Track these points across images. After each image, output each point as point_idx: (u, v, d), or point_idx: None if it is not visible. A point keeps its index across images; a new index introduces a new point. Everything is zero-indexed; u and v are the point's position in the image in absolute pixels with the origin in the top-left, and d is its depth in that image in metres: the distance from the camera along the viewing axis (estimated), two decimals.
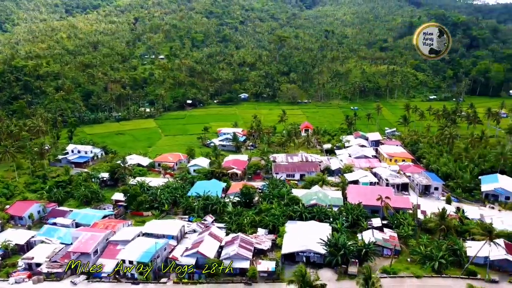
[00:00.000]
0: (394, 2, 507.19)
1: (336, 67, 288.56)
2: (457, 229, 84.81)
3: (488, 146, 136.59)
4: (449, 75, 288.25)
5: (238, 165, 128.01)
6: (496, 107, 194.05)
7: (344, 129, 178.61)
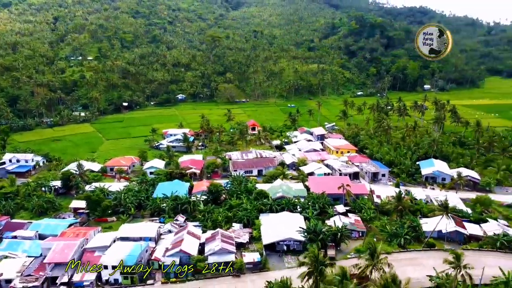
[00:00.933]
0: (315, 4, 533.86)
1: (270, 67, 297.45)
2: (410, 209, 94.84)
3: (418, 135, 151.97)
4: (372, 73, 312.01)
5: (195, 165, 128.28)
6: (413, 100, 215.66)
7: (288, 125, 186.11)
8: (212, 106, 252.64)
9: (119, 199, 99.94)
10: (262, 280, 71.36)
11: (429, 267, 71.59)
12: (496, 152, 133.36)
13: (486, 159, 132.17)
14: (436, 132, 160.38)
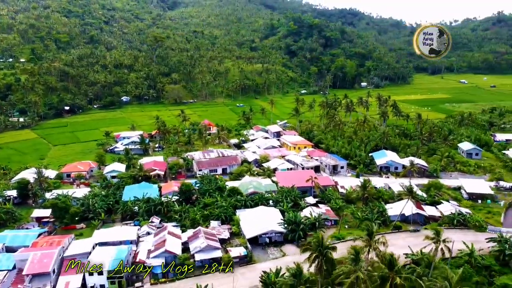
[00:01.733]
0: (252, 5, 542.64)
1: (215, 67, 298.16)
2: (374, 196, 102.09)
3: (367, 129, 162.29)
4: (313, 72, 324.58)
5: (159, 167, 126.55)
6: (353, 96, 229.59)
7: (243, 124, 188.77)
8: (160, 107, 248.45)
9: (87, 205, 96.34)
10: (251, 272, 73.64)
11: (401, 246, 78.34)
12: (438, 141, 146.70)
13: (429, 148, 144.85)
14: (383, 126, 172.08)
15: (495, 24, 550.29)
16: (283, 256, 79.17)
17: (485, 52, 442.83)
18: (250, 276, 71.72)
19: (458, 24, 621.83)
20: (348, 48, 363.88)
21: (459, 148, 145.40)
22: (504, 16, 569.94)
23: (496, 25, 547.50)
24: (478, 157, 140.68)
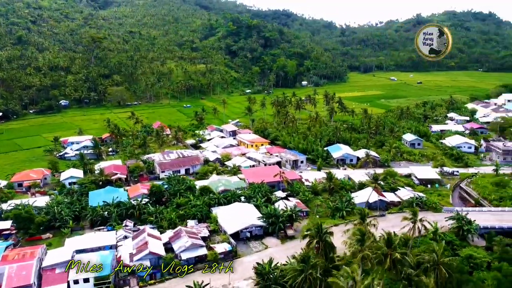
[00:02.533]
0: (188, 5, 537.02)
1: (157, 68, 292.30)
2: (338, 187, 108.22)
3: (317, 125, 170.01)
4: (256, 71, 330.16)
5: (119, 170, 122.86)
6: (295, 94, 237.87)
7: (196, 124, 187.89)
8: (103, 110, 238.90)
9: (53, 213, 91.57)
10: (239, 266, 75.36)
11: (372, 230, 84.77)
12: (385, 134, 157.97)
13: (377, 140, 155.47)
14: (331, 122, 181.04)
15: (415, 26, 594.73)
16: (266, 248, 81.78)
17: (409, 51, 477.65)
18: (239, 270, 73.48)
19: (383, 25, 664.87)
20: (287, 48, 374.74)
21: (403, 139, 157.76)
22: (422, 18, 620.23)
23: (416, 26, 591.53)
24: (420, 146, 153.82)
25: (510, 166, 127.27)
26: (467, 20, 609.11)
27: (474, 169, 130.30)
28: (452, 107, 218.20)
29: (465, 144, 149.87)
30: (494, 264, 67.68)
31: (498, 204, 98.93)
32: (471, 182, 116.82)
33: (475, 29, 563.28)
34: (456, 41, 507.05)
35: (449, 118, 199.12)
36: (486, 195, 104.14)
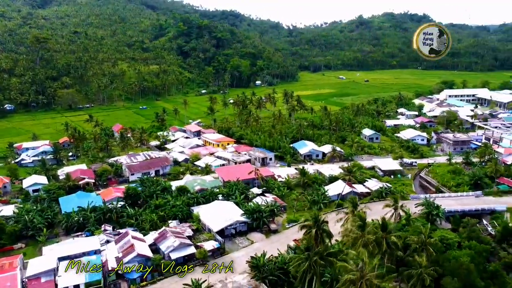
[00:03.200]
0: (133, 5, 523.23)
1: (109, 69, 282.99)
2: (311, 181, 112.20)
3: (280, 123, 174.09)
4: (209, 72, 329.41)
5: (86, 174, 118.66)
6: (257, 95, 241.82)
7: (157, 126, 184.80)
8: (53, 114, 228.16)
9: (24, 222, 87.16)
10: (229, 262, 76.42)
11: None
12: (346, 129, 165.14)
13: (338, 136, 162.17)
14: (292, 119, 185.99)
15: (358, 27, 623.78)
16: (252, 243, 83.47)
17: (354, 51, 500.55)
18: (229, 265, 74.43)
19: (328, 26, 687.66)
20: (239, 48, 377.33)
21: (361, 134, 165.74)
22: (364, 20, 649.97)
23: (359, 27, 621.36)
24: (377, 140, 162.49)
25: (460, 155, 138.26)
26: (405, 22, 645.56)
27: (429, 159, 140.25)
28: (401, 103, 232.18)
29: (418, 137, 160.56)
30: (464, 243, 74.26)
31: (457, 190, 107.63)
32: (429, 171, 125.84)
33: (412, 29, 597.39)
34: (396, 41, 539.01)
35: (399, 113, 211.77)
36: (445, 182, 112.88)
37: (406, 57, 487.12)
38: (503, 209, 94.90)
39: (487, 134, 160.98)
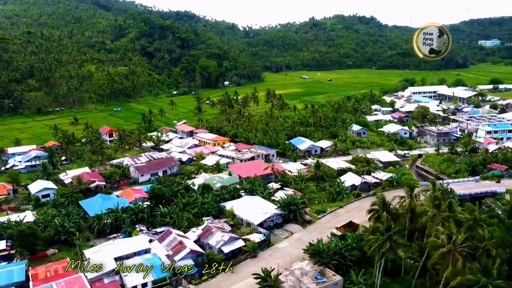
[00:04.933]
0: (85, 4, 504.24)
1: (76, 70, 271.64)
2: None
3: (273, 121, 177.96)
4: (177, 73, 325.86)
5: (95, 177, 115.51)
6: (220, 96, 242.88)
7: (145, 127, 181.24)
8: (23, 119, 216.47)
9: (55, 227, 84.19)
10: (276, 252, 79.04)
11: None
12: (338, 126, 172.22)
13: (329, 132, 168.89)
14: (281, 118, 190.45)
15: (312, 28, 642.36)
16: (292, 234, 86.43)
17: (312, 51, 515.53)
18: (279, 256, 77.03)
19: (282, 28, 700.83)
20: (204, 49, 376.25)
21: (349, 130, 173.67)
22: (317, 21, 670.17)
23: (313, 28, 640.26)
24: (365, 135, 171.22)
25: (445, 146, 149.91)
26: (354, 23, 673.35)
27: (417, 150, 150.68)
28: (373, 100, 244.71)
29: (401, 131, 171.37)
30: (488, 221, 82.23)
31: (456, 177, 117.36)
32: (424, 161, 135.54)
33: (363, 31, 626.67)
34: (350, 42, 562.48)
35: (374, 110, 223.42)
36: (444, 170, 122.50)
37: (361, 58, 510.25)
38: (503, 191, 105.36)
39: (461, 126, 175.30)
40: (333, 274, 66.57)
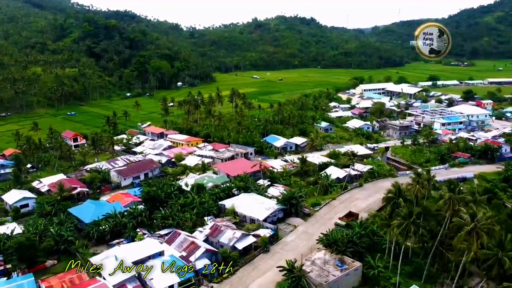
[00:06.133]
0: (18, 3, 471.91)
1: (20, 73, 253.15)
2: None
3: (243, 120, 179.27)
4: (129, 74, 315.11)
5: (76, 184, 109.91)
6: (179, 96, 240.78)
7: (109, 130, 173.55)
8: None
9: (53, 236, 79.54)
10: (287, 246, 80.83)
11: (364, 197, 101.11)
12: (308, 123, 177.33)
13: (297, 129, 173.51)
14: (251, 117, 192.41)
15: (256, 28, 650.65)
16: (295, 227, 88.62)
17: (259, 51, 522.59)
18: (289, 249, 78.92)
19: (227, 28, 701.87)
20: (153, 49, 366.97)
21: (317, 126, 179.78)
22: (261, 22, 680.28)
23: (257, 29, 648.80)
24: (332, 131, 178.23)
25: (408, 138, 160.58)
26: (296, 24, 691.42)
27: (383, 144, 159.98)
28: (329, 97, 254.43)
29: (365, 126, 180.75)
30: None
31: (427, 166, 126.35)
32: (394, 152, 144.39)
33: (306, 32, 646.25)
34: (294, 42, 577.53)
35: (333, 107, 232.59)
36: (415, 160, 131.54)
37: (306, 57, 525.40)
38: (471, 176, 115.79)
39: (417, 120, 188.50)
40: (352, 261, 69.83)
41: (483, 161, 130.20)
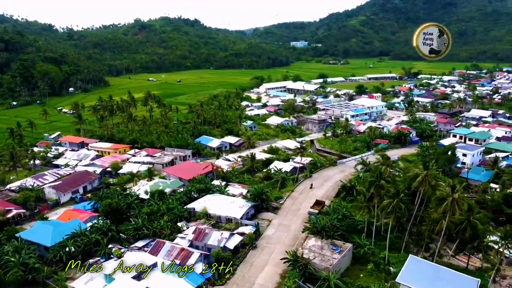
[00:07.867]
0: None
1: None
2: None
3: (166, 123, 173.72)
4: (8, 80, 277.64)
5: (5, 206, 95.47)
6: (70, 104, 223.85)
7: (14, 144, 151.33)
8: None
9: (16, 266, 68.72)
10: (271, 239, 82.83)
11: (317, 186, 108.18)
12: (232, 122, 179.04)
13: (224, 128, 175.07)
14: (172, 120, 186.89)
15: (141, 30, 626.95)
16: (271, 221, 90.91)
17: (149, 54, 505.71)
18: (274, 242, 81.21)
19: (108, 29, 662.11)
20: (35, 52, 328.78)
21: (241, 124, 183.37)
22: (145, 23, 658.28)
23: (142, 30, 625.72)
24: (256, 128, 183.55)
25: (328, 130, 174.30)
26: (181, 26, 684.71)
27: (307, 137, 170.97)
28: (240, 97, 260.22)
29: (285, 122, 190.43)
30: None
31: (356, 153, 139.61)
32: (322, 144, 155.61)
33: (192, 33, 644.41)
34: (183, 43, 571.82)
35: (246, 105, 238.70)
36: (345, 149, 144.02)
37: (198, 59, 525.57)
38: (395, 159, 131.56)
39: (327, 113, 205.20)
40: (343, 243, 75.20)
41: (398, 145, 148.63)
